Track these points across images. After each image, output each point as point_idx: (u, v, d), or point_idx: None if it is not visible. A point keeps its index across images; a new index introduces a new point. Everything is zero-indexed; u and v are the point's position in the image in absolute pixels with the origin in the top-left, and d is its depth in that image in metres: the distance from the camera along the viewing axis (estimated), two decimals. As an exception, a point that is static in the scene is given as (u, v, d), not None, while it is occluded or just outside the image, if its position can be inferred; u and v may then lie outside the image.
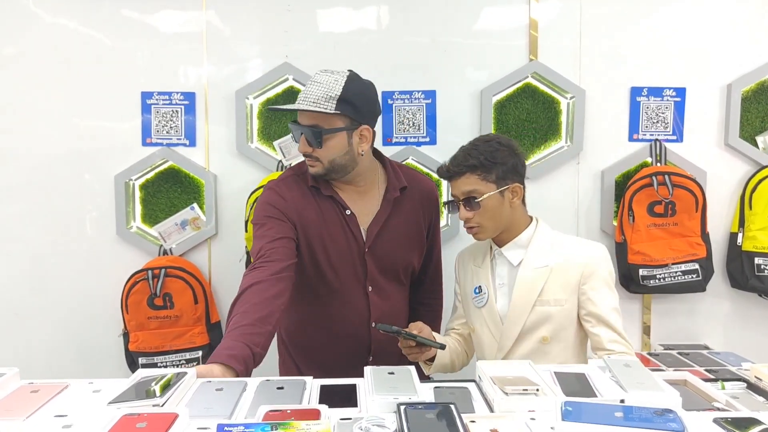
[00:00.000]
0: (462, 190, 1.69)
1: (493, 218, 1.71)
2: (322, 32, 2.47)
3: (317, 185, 1.78)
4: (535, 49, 2.47)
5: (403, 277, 1.92)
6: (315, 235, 1.76)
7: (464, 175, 1.69)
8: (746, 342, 2.53)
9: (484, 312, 1.79)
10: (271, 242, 1.66)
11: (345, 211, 1.79)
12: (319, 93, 1.67)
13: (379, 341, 1.85)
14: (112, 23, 2.44)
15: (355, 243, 1.79)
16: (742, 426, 0.99)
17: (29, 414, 1.03)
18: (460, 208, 1.71)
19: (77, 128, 2.47)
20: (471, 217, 1.69)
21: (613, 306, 1.69)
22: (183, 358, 2.41)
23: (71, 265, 2.50)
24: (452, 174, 1.71)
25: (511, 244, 1.76)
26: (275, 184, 1.81)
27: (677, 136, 2.51)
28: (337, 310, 1.82)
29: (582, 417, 0.98)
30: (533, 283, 1.71)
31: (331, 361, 1.83)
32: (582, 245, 1.76)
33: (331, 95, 1.67)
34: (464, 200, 1.69)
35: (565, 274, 1.70)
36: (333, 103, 1.66)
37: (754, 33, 2.48)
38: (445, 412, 0.99)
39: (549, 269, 1.70)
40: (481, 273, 1.83)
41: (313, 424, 0.93)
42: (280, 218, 1.73)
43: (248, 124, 2.48)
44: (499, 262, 1.79)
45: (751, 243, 2.44)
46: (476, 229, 1.72)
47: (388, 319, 1.86)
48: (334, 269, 1.78)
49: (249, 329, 1.42)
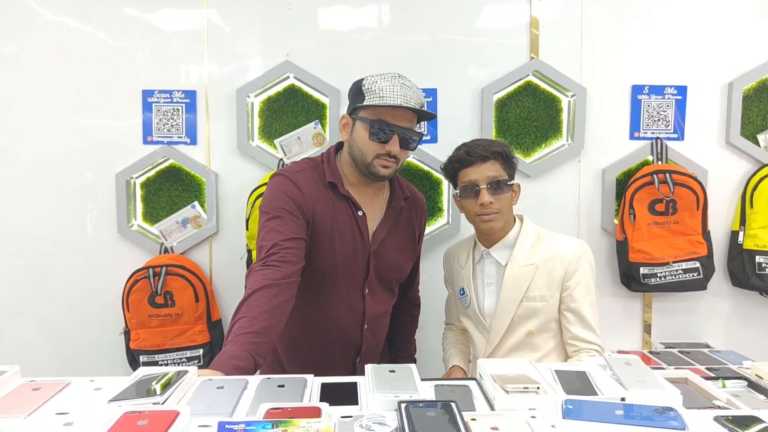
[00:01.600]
0: (487, 174, 1.75)
1: (508, 207, 1.81)
2: (323, 30, 2.47)
3: (335, 182, 1.76)
4: (536, 47, 2.47)
5: (394, 285, 1.93)
6: (325, 232, 1.73)
7: (490, 160, 1.76)
8: (747, 340, 2.54)
9: (469, 312, 1.90)
10: (287, 240, 1.61)
11: (357, 212, 1.77)
12: (416, 97, 1.70)
13: (369, 343, 1.86)
14: (113, 21, 2.44)
15: (362, 244, 1.78)
16: (742, 424, 0.99)
17: (30, 412, 1.03)
18: (482, 193, 1.74)
19: (78, 126, 2.47)
20: (494, 202, 1.74)
21: (590, 301, 1.80)
22: (184, 356, 2.41)
23: (72, 263, 2.51)
24: (481, 157, 1.75)
25: (499, 244, 1.84)
26: (292, 174, 1.75)
27: (678, 135, 2.51)
28: (333, 309, 1.80)
29: (583, 415, 0.98)
30: (520, 281, 1.79)
31: (318, 361, 1.82)
32: (564, 242, 1.84)
33: (422, 101, 1.73)
34: (490, 184, 1.75)
35: (550, 271, 1.80)
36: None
37: (755, 31, 2.48)
38: (445, 410, 0.99)
39: (535, 267, 1.80)
40: (464, 274, 1.91)
41: (314, 422, 0.93)
42: (297, 214, 1.68)
43: (249, 122, 2.48)
44: (488, 262, 1.87)
45: (752, 241, 2.44)
46: (495, 216, 1.77)
47: (377, 324, 1.90)
48: (336, 268, 1.76)
49: (255, 338, 1.39)
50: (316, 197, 1.74)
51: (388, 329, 2.00)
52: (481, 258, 1.89)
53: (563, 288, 1.80)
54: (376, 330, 1.89)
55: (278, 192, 1.71)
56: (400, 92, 1.66)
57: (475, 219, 1.80)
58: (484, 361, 1.25)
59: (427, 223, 2.44)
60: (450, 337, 2.07)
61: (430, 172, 2.52)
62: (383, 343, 2.01)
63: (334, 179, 1.76)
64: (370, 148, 1.70)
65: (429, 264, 2.35)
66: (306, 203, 1.71)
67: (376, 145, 1.69)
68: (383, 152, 1.69)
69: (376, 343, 1.93)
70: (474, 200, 1.76)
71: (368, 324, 1.84)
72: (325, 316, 1.80)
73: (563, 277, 1.79)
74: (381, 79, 1.69)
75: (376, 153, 1.69)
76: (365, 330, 1.84)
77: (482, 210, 1.75)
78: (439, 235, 2.50)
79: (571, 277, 1.79)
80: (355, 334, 1.84)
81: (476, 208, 1.77)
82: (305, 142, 2.45)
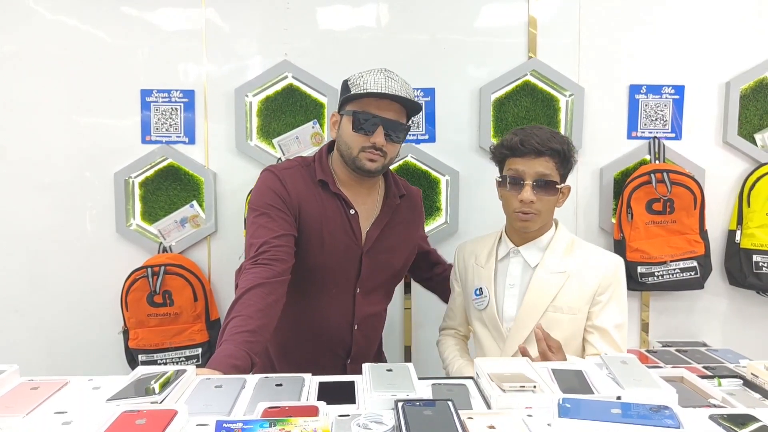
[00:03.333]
0: (537, 170, 1.60)
1: (550, 210, 1.65)
2: (322, 30, 2.47)
3: (326, 180, 1.74)
4: (534, 46, 2.48)
5: (390, 284, 1.91)
6: (313, 231, 1.71)
7: (544, 156, 1.60)
8: (744, 339, 2.54)
9: (485, 315, 1.73)
10: (276, 237, 1.61)
11: (349, 210, 1.75)
12: (402, 90, 1.67)
13: (359, 345, 1.84)
14: (112, 20, 2.44)
15: (355, 243, 1.76)
16: (738, 422, 0.99)
17: (29, 411, 1.04)
18: (526, 189, 1.60)
19: (77, 126, 2.47)
20: (536, 201, 1.60)
21: (619, 324, 1.64)
22: (183, 356, 2.41)
23: (71, 262, 2.51)
24: (536, 151, 1.60)
25: (530, 244, 1.70)
26: (279, 171, 1.74)
27: (676, 134, 2.52)
28: (322, 308, 1.79)
29: (579, 413, 0.98)
30: (548, 287, 1.65)
31: (309, 362, 1.77)
32: (601, 254, 1.71)
33: (410, 93, 1.70)
34: (537, 182, 1.60)
35: (582, 283, 1.65)
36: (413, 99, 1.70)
37: (752, 30, 2.49)
38: (442, 408, 0.99)
39: (566, 275, 1.65)
40: (484, 273, 1.75)
41: (312, 420, 0.93)
42: (284, 209, 1.67)
43: (248, 121, 2.48)
44: (514, 261, 1.71)
45: (749, 240, 2.44)
46: (532, 216, 1.62)
47: (369, 324, 1.86)
48: (325, 267, 1.74)
49: (251, 336, 1.40)
50: (304, 195, 1.72)
51: (381, 332, 1.99)
52: (506, 256, 1.73)
53: (594, 302, 1.64)
54: (367, 331, 1.87)
55: (265, 188, 1.71)
56: (384, 84, 1.64)
57: (511, 214, 1.66)
58: (481, 360, 1.25)
59: (426, 223, 2.44)
60: (452, 345, 1.89)
61: (428, 171, 2.52)
62: (376, 346, 1.99)
63: (325, 177, 1.74)
64: (355, 141, 1.67)
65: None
66: (291, 200, 1.70)
67: (360, 137, 1.66)
68: (368, 144, 1.66)
69: (368, 344, 1.90)
70: (515, 194, 1.62)
71: (359, 325, 1.82)
72: (313, 315, 1.79)
73: (596, 290, 1.64)
74: (367, 73, 1.69)
75: (361, 146, 1.67)
76: (355, 331, 1.82)
77: (522, 207, 1.61)
78: (437, 234, 2.51)
79: (604, 291, 1.65)
80: (345, 334, 1.82)
81: (516, 204, 1.63)
82: (303, 142, 2.45)
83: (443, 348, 1.91)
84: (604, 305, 1.64)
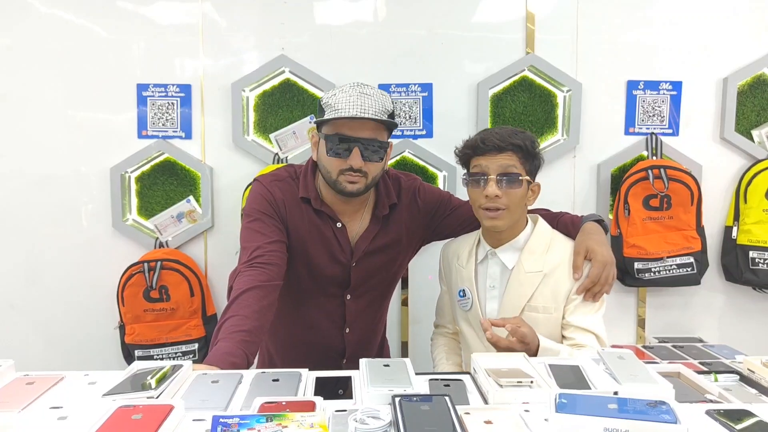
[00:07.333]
0: (500, 164, 1.60)
1: (518, 206, 1.63)
2: (319, 24, 2.46)
3: (308, 197, 1.71)
4: (532, 42, 2.47)
5: (386, 285, 1.89)
6: (299, 245, 1.70)
7: (507, 152, 1.61)
8: (740, 335, 2.55)
9: (470, 316, 1.74)
10: (270, 243, 1.61)
11: (336, 224, 1.72)
12: (377, 106, 1.58)
13: (353, 346, 1.83)
14: (108, 15, 2.43)
15: (343, 256, 1.73)
16: (734, 418, 1.00)
17: (24, 406, 1.03)
18: (490, 184, 1.59)
19: (73, 120, 2.46)
20: (501, 196, 1.59)
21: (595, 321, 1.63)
22: (179, 351, 2.41)
23: (67, 257, 2.50)
24: (497, 147, 1.60)
25: (507, 245, 1.69)
26: (269, 184, 1.73)
27: (673, 130, 2.52)
28: (309, 314, 1.79)
29: (576, 409, 0.98)
30: (524, 288, 1.65)
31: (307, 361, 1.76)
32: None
33: (386, 108, 1.61)
34: (501, 175, 1.60)
35: (557, 282, 1.65)
36: (387, 116, 1.61)
37: (750, 27, 2.48)
38: (439, 404, 0.99)
39: (542, 275, 1.65)
40: (465, 274, 1.75)
41: (309, 415, 0.93)
42: (275, 218, 1.68)
43: (244, 116, 2.47)
44: (492, 263, 1.71)
45: (745, 236, 2.45)
46: (501, 212, 1.61)
47: (362, 326, 1.85)
48: (311, 279, 1.74)
49: (247, 336, 1.40)
50: (292, 210, 1.71)
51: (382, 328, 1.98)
52: (485, 258, 1.72)
53: (568, 300, 1.64)
54: (361, 333, 1.85)
55: (258, 196, 1.71)
56: (357, 102, 1.57)
57: (479, 212, 1.65)
58: (478, 355, 1.26)
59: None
60: (441, 345, 1.90)
61: (425, 167, 2.52)
62: (376, 345, 1.97)
63: (308, 194, 1.71)
64: (332, 165, 1.62)
65: (429, 263, 2.32)
66: (280, 211, 1.69)
67: (336, 160, 1.61)
68: (346, 167, 1.60)
69: (364, 345, 1.88)
70: (480, 190, 1.61)
71: (350, 327, 1.82)
72: (303, 319, 1.80)
73: (571, 288, 1.63)
74: (339, 92, 1.61)
75: (339, 169, 1.61)
76: (347, 334, 1.82)
77: (488, 203, 1.60)
78: (434, 229, 2.50)
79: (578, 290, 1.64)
80: (336, 338, 1.82)
81: (482, 200, 1.61)
82: (300, 137, 2.44)
83: (433, 347, 1.93)
84: (579, 302, 1.64)
